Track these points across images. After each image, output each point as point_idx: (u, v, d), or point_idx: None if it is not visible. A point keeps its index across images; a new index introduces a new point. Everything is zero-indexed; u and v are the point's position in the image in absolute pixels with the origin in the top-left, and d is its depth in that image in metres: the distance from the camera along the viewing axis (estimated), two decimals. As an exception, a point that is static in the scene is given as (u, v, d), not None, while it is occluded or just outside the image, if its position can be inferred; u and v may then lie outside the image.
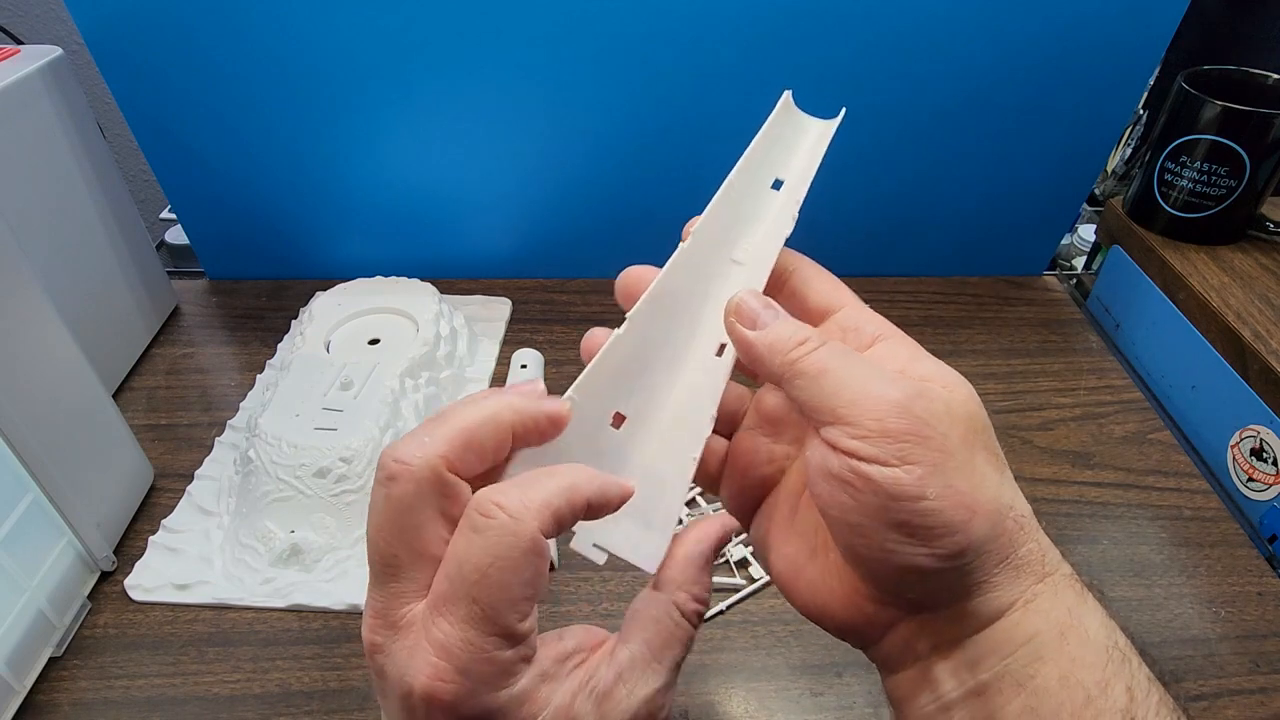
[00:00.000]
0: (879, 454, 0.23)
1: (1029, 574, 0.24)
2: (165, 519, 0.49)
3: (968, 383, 0.26)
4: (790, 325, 0.27)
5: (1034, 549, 0.25)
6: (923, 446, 0.23)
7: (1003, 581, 0.24)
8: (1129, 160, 0.76)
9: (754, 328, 0.27)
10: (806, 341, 0.26)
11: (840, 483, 0.24)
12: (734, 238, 0.30)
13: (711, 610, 0.45)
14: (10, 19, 1.02)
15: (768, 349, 0.26)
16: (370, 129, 0.62)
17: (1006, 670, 0.24)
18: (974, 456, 0.24)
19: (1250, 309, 0.58)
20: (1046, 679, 0.23)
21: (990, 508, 0.24)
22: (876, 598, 0.26)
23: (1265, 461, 0.53)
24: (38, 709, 0.41)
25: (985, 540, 0.24)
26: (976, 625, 0.25)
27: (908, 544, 0.23)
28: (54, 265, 0.53)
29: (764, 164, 0.30)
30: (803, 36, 0.57)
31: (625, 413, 0.28)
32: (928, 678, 0.26)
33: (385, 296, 0.60)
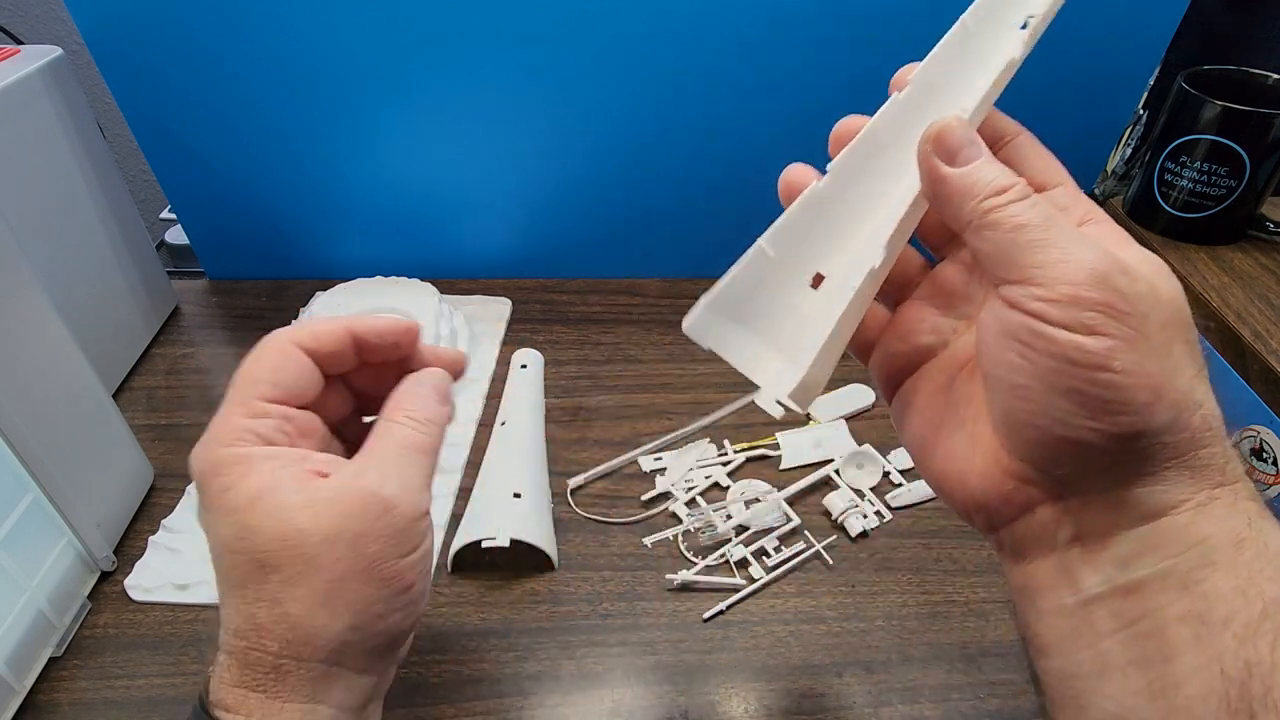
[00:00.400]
0: (1067, 319, 0.22)
1: (1207, 478, 0.23)
2: (165, 519, 0.49)
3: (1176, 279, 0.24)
4: (994, 168, 0.24)
5: (1217, 454, 0.23)
6: (1118, 320, 0.22)
7: (1175, 478, 0.23)
8: (1129, 160, 0.76)
9: (953, 163, 0.25)
10: (1009, 189, 0.24)
11: (1017, 342, 0.23)
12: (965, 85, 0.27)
13: (711, 610, 0.45)
14: (10, 19, 1.02)
15: (963, 189, 0.24)
16: (370, 129, 0.62)
17: (1171, 570, 0.22)
18: (1172, 345, 0.22)
19: (1250, 309, 0.58)
20: (1218, 585, 0.22)
21: (1178, 396, 0.22)
22: (1021, 474, 0.24)
23: (1265, 461, 0.53)
24: (38, 709, 0.41)
25: (1165, 428, 0.22)
26: (1134, 519, 0.23)
27: (1078, 415, 0.22)
28: (54, 265, 0.53)
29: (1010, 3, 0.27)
30: (802, 38, 0.57)
31: (825, 273, 0.27)
32: (1066, 569, 0.24)
33: (385, 296, 0.60)
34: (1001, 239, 0.23)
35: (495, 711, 0.41)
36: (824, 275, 0.27)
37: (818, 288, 0.27)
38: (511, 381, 0.58)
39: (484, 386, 0.60)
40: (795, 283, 0.27)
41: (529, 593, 0.46)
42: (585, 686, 0.42)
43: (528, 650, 0.43)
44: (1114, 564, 0.23)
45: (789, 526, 0.49)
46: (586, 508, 0.51)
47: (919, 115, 0.26)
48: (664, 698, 0.41)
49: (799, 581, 0.47)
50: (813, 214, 0.26)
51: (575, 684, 0.42)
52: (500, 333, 0.65)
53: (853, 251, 0.27)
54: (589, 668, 0.43)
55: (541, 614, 0.45)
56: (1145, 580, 0.23)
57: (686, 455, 0.54)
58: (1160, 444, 0.22)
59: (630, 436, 0.56)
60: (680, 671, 0.43)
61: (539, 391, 0.57)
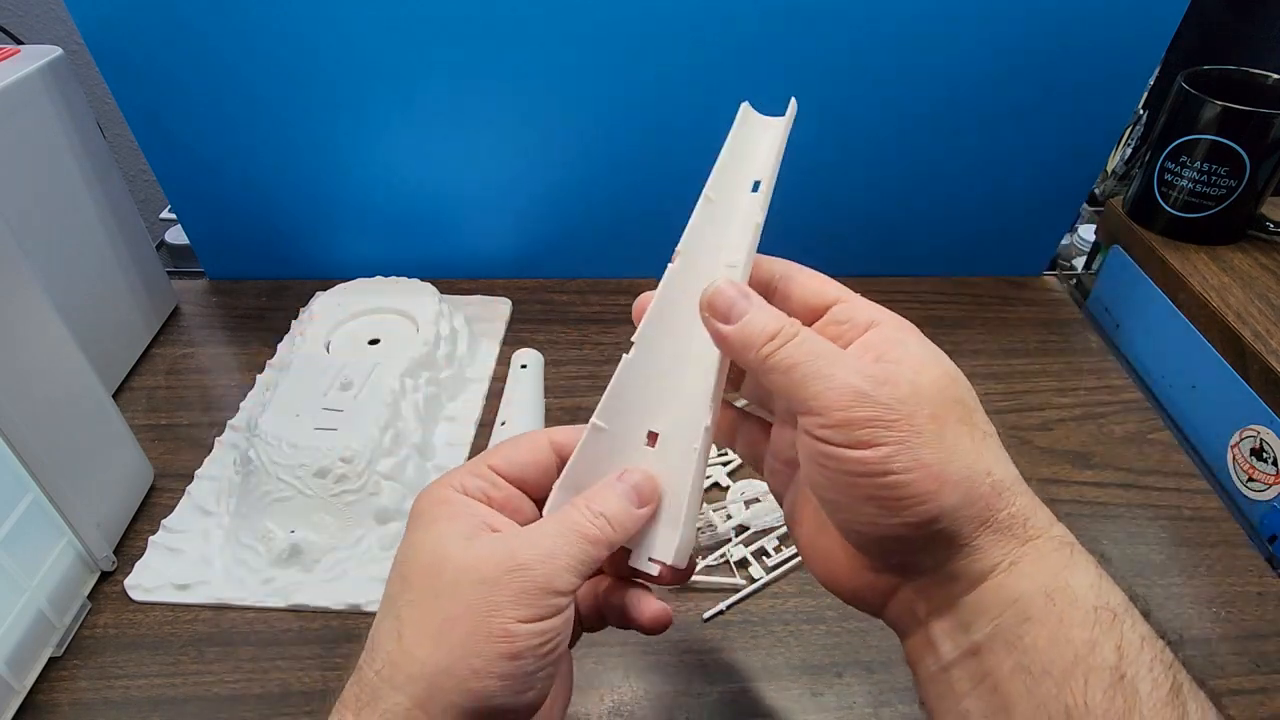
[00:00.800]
0: (846, 439, 0.25)
1: (1012, 537, 0.26)
2: (165, 519, 0.49)
3: (945, 361, 0.28)
4: (763, 317, 0.28)
5: (1016, 512, 0.26)
6: (888, 429, 0.25)
7: (986, 545, 0.26)
8: (1129, 160, 0.76)
9: (728, 320, 0.28)
10: (777, 335, 0.27)
11: (818, 465, 0.26)
12: (716, 244, 0.31)
13: (711, 610, 0.45)
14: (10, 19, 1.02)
15: (742, 342, 0.28)
16: (370, 129, 0.62)
17: (997, 631, 0.25)
18: (944, 430, 0.26)
19: (1250, 309, 0.58)
20: (1036, 638, 0.24)
21: (960, 476, 0.25)
22: (873, 566, 0.28)
23: (1265, 461, 0.53)
24: (38, 709, 0.41)
25: (958, 506, 0.25)
26: (965, 587, 0.26)
27: (881, 515, 0.26)
28: (54, 265, 0.53)
29: (739, 171, 0.32)
30: (802, 36, 0.57)
31: (658, 430, 0.30)
32: (929, 640, 0.27)
33: (385, 296, 0.60)
34: (781, 380, 0.27)
35: (495, 711, 0.41)
36: (657, 433, 0.30)
37: (654, 446, 0.30)
38: (511, 381, 0.58)
39: (484, 386, 0.60)
40: (633, 446, 0.30)
41: (529, 593, 0.46)
42: (585, 686, 0.42)
43: (528, 650, 0.43)
44: (960, 631, 0.26)
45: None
46: (586, 508, 0.51)
47: (694, 278, 0.30)
48: (664, 698, 0.41)
49: (799, 581, 0.47)
50: (632, 382, 0.30)
51: (575, 684, 0.42)
52: (500, 333, 0.65)
53: (678, 408, 0.30)
54: (589, 668, 0.43)
55: (541, 614, 0.45)
56: (981, 643, 0.25)
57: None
58: (961, 518, 0.25)
59: (630, 436, 0.56)
60: (680, 671, 0.43)
61: (539, 391, 0.57)
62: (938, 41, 0.58)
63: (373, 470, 0.47)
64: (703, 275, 0.30)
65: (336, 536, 0.47)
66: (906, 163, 0.65)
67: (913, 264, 0.72)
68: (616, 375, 0.30)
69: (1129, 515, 0.52)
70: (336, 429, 0.48)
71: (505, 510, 0.30)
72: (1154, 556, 0.49)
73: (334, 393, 0.51)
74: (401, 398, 0.52)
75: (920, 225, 0.70)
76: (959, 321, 0.68)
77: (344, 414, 0.49)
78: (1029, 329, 0.68)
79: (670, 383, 0.30)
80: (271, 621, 0.45)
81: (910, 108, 0.62)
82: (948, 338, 0.66)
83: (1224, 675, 0.43)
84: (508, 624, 0.26)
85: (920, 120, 0.63)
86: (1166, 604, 0.47)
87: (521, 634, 0.26)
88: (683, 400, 0.30)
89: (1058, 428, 0.58)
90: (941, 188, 0.67)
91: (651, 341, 0.30)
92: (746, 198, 0.32)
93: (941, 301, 0.70)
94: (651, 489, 0.30)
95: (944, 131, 0.63)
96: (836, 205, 0.68)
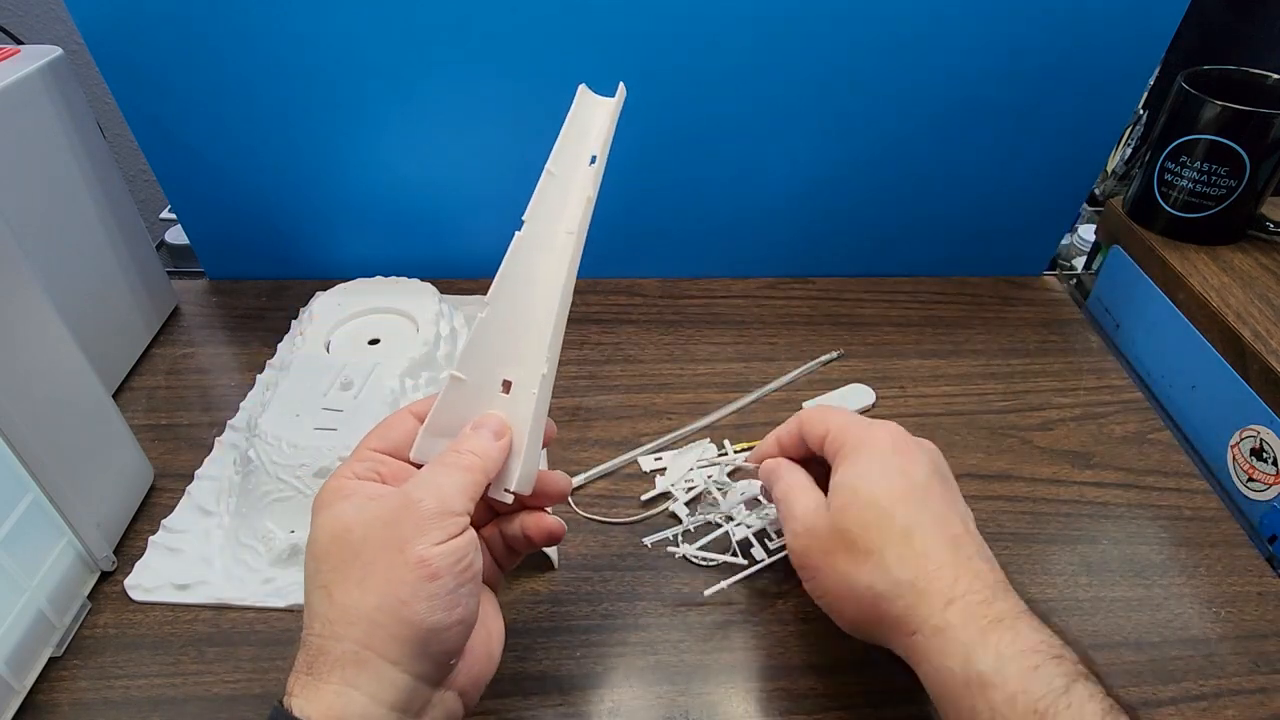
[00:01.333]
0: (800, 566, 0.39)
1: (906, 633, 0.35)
2: (165, 519, 0.49)
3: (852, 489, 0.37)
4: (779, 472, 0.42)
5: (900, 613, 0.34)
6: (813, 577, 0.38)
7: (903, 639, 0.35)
8: (1129, 160, 0.76)
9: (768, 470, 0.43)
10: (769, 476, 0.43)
11: None
12: (559, 212, 0.36)
13: (712, 589, 0.45)
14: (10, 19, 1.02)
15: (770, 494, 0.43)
16: (370, 129, 0.62)
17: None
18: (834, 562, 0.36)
19: (1250, 309, 0.58)
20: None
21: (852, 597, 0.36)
22: None
23: (1265, 461, 0.53)
24: (38, 709, 0.41)
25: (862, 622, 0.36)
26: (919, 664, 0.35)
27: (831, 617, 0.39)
28: (54, 265, 0.53)
29: (577, 145, 0.37)
30: (803, 37, 0.57)
31: (512, 379, 0.35)
32: None
33: (385, 296, 0.60)
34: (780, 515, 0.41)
35: (495, 711, 0.41)
36: (510, 380, 0.35)
37: (508, 393, 0.35)
38: (511, 381, 0.58)
39: (484, 386, 0.60)
40: (489, 393, 0.35)
41: (529, 593, 0.46)
42: (585, 686, 0.42)
43: (527, 650, 0.43)
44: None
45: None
46: (586, 508, 0.51)
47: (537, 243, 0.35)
48: (664, 698, 0.41)
49: (799, 581, 0.47)
50: (485, 337, 0.34)
51: (575, 684, 0.42)
52: (500, 333, 0.65)
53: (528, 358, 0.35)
54: (589, 668, 0.43)
55: (541, 614, 0.45)
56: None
57: (686, 455, 0.54)
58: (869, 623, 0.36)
59: (630, 436, 0.56)
60: (680, 671, 0.43)
61: (539, 391, 0.57)
62: (938, 42, 0.58)
63: (373, 470, 0.47)
64: (544, 241, 0.35)
65: (336, 536, 0.47)
66: (906, 163, 0.65)
67: (913, 264, 0.72)
68: (472, 331, 0.34)
69: (1129, 515, 0.52)
70: (336, 429, 0.48)
71: (396, 482, 0.33)
72: (1154, 556, 0.49)
73: (334, 393, 0.51)
74: (401, 398, 0.52)
75: (920, 225, 0.70)
76: (959, 321, 0.68)
77: (344, 414, 0.49)
78: (1029, 329, 0.68)
79: (518, 336, 0.35)
80: (271, 621, 0.45)
81: (910, 108, 0.62)
82: (948, 338, 0.66)
83: (1224, 675, 0.43)
84: (419, 550, 0.29)
85: (920, 120, 0.63)
86: (1166, 604, 0.47)
87: (434, 555, 0.29)
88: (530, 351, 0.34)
89: (1058, 428, 0.58)
90: (941, 188, 0.67)
91: (501, 301, 0.34)
92: (583, 171, 0.36)
93: (941, 301, 0.70)
94: (502, 427, 0.35)
95: (944, 132, 0.63)
96: (837, 206, 0.68)
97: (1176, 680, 0.43)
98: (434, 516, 0.30)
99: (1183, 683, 0.43)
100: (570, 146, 0.37)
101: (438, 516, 0.30)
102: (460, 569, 0.30)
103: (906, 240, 0.71)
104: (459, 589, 0.30)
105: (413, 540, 0.29)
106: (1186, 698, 0.42)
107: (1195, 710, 0.41)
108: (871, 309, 0.69)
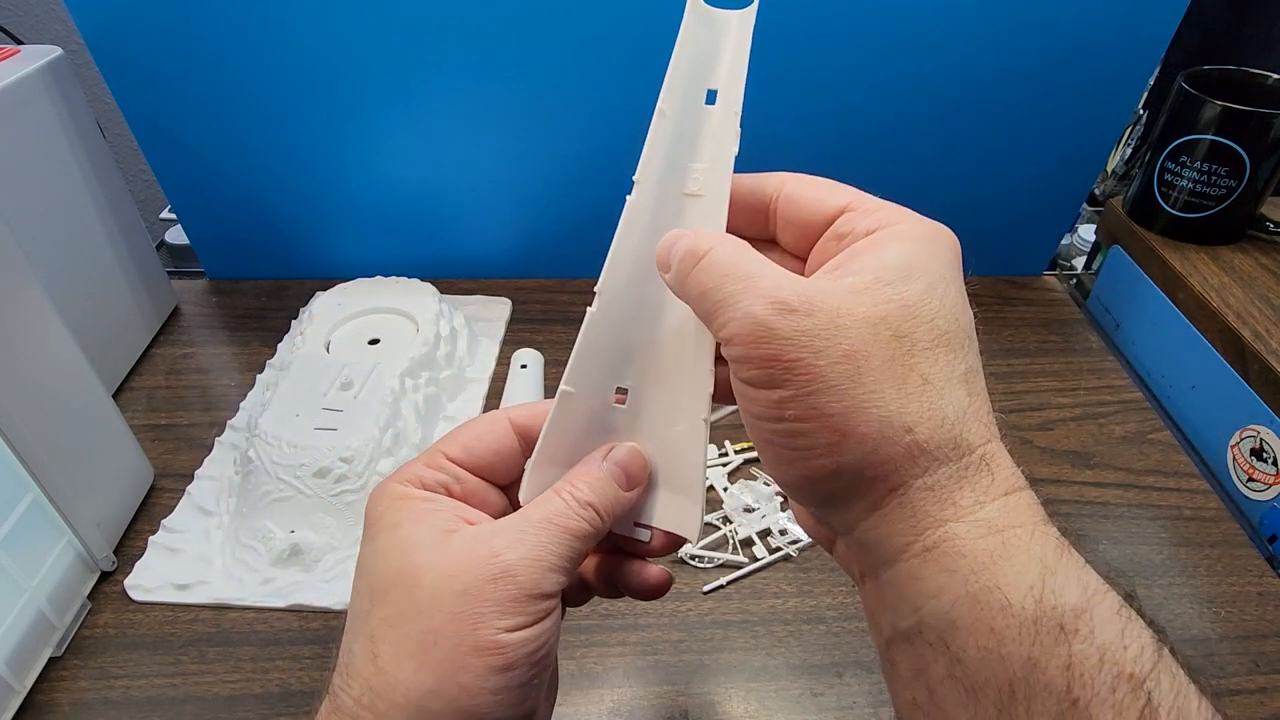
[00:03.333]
0: (747, 375, 0.22)
1: (926, 516, 0.21)
2: (165, 519, 0.49)
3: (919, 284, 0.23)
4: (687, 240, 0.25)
5: (938, 483, 0.22)
6: (787, 370, 0.21)
7: (894, 515, 0.22)
8: (1129, 160, 0.76)
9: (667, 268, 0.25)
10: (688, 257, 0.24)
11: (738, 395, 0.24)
12: (682, 169, 0.27)
13: (711, 585, 0.45)
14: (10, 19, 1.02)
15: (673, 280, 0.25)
16: (370, 129, 0.62)
17: (923, 624, 0.21)
18: (860, 373, 0.21)
19: (1250, 309, 0.58)
20: (965, 648, 0.21)
21: (869, 430, 0.21)
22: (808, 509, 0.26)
23: (1265, 461, 0.53)
24: (38, 709, 0.41)
25: (860, 465, 0.22)
26: (880, 560, 0.23)
27: (781, 461, 0.23)
28: (54, 265, 0.53)
29: (691, 78, 0.27)
30: (803, 34, 0.57)
31: (625, 385, 0.28)
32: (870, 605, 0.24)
33: (385, 296, 0.60)
34: (699, 305, 0.24)
35: (495, 711, 0.41)
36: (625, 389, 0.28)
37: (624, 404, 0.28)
38: (511, 381, 0.58)
39: (484, 386, 0.60)
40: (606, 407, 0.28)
41: (529, 593, 0.46)
42: (585, 686, 0.42)
43: (528, 650, 0.43)
44: (890, 609, 0.23)
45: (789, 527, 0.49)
46: (586, 508, 0.51)
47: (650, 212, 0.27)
48: (664, 698, 0.41)
49: (799, 581, 0.47)
50: (599, 339, 0.27)
51: (575, 684, 0.42)
52: (500, 333, 0.65)
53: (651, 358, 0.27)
54: (589, 668, 0.43)
55: (541, 614, 0.45)
56: (910, 631, 0.22)
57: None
58: (865, 479, 0.22)
59: (630, 436, 0.56)
60: (680, 671, 0.43)
61: (539, 391, 0.57)
62: (938, 42, 0.58)
63: (373, 470, 0.47)
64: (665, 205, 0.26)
65: (336, 536, 0.47)
66: (906, 163, 0.65)
67: (913, 264, 0.72)
68: (582, 334, 0.27)
69: (1129, 515, 0.52)
70: (336, 429, 0.48)
71: (470, 502, 0.27)
72: (1154, 556, 0.49)
73: (334, 393, 0.51)
74: (401, 398, 0.52)
75: (920, 225, 0.70)
76: (959, 321, 0.68)
77: (344, 414, 0.49)
78: (1029, 329, 0.68)
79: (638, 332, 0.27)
80: (271, 621, 0.45)
81: (910, 108, 0.62)
82: (948, 338, 0.66)
83: (1224, 675, 0.43)
84: (496, 635, 0.23)
85: (920, 120, 0.63)
86: (1166, 604, 0.47)
87: (512, 644, 0.23)
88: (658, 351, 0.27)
89: (1058, 428, 0.58)
90: (941, 188, 0.67)
91: (614, 290, 0.27)
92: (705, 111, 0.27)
93: (941, 301, 0.70)
94: (639, 467, 0.27)
95: (944, 131, 0.63)
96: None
97: (1176, 680, 0.43)
98: (522, 599, 0.24)
99: (1183, 683, 0.43)
100: (681, 79, 0.27)
101: (526, 600, 0.24)
102: (538, 658, 0.24)
103: (906, 240, 0.71)
104: (532, 681, 0.24)
105: (489, 619, 0.23)
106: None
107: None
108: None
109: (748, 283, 0.23)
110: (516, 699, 0.24)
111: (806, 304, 0.22)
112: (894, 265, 0.23)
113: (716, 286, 0.23)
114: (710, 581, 0.47)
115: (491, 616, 0.23)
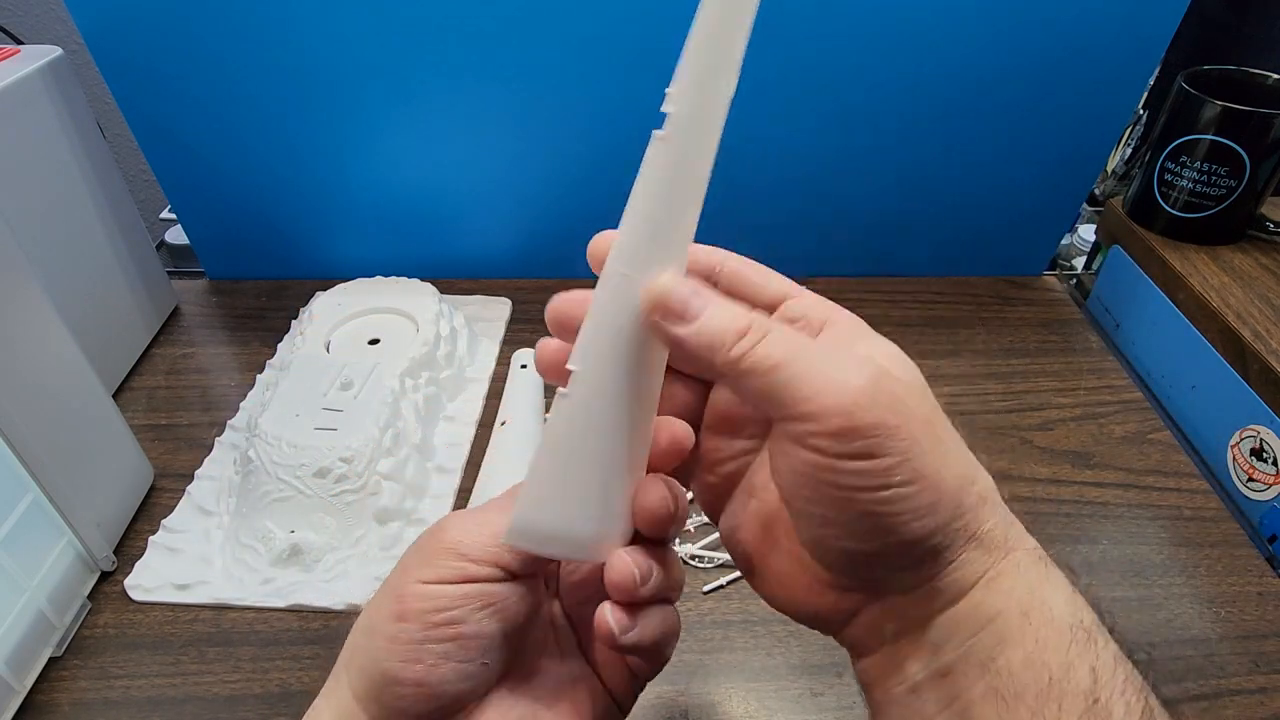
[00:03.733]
0: (845, 450, 0.22)
1: (993, 550, 0.24)
2: (165, 519, 0.49)
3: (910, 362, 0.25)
4: (726, 313, 0.24)
5: (998, 524, 0.24)
6: (891, 438, 0.22)
7: (969, 559, 0.23)
8: (1129, 160, 0.76)
9: (685, 319, 0.24)
10: (749, 331, 0.23)
11: (807, 477, 0.23)
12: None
13: (711, 585, 0.45)
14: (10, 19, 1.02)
15: (706, 345, 0.23)
16: (370, 129, 0.62)
17: (970, 651, 0.23)
18: (934, 431, 0.23)
19: (1250, 309, 0.58)
20: (1010, 661, 0.23)
21: (953, 485, 0.23)
22: (841, 585, 0.25)
23: (1265, 461, 0.53)
24: (38, 709, 0.41)
25: (952, 518, 0.23)
26: (942, 605, 0.24)
27: (878, 531, 0.23)
28: (54, 265, 0.53)
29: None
30: (802, 33, 0.57)
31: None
32: (895, 661, 0.25)
33: (385, 296, 0.60)
34: (759, 383, 0.23)
35: (495, 711, 0.40)
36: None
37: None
38: (511, 381, 0.58)
39: (484, 386, 0.60)
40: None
41: (529, 593, 0.46)
42: (585, 686, 0.42)
43: (528, 650, 0.43)
44: (930, 650, 0.24)
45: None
46: (586, 508, 0.51)
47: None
48: (664, 698, 0.41)
49: (799, 581, 0.47)
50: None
51: (575, 684, 0.42)
52: (500, 333, 0.65)
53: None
54: (589, 668, 0.43)
55: (541, 614, 0.45)
56: (953, 663, 0.23)
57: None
58: (951, 532, 0.23)
59: (630, 436, 0.56)
60: (680, 671, 0.43)
61: (539, 391, 0.57)
62: (938, 41, 0.58)
63: (373, 470, 0.47)
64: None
65: (336, 536, 0.47)
66: (906, 163, 0.65)
67: (913, 264, 0.72)
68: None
69: (1129, 515, 0.52)
70: (336, 429, 0.48)
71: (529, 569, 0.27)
72: (1154, 556, 0.49)
73: (334, 393, 0.51)
74: (401, 398, 0.52)
75: (920, 225, 0.70)
76: (959, 321, 0.68)
77: (344, 414, 0.49)
78: (1029, 329, 0.68)
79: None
80: (271, 621, 0.45)
81: (910, 108, 0.62)
82: (948, 338, 0.66)
83: (1224, 675, 0.43)
84: (409, 584, 0.25)
85: (920, 120, 0.63)
86: (1166, 604, 0.47)
87: (412, 594, 0.24)
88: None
89: (1058, 428, 0.58)
90: (941, 187, 0.67)
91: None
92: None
93: (941, 301, 0.70)
94: None
95: (944, 131, 0.63)
96: (837, 205, 0.68)
97: (1177, 680, 0.43)
98: (440, 551, 0.25)
99: (1183, 683, 0.43)
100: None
101: (443, 553, 0.25)
102: (435, 620, 0.24)
103: (907, 240, 0.71)
104: (426, 644, 0.24)
105: (410, 568, 0.25)
106: (1186, 698, 0.42)
107: (1195, 710, 0.41)
108: (872, 309, 0.69)
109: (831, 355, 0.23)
110: (405, 655, 0.24)
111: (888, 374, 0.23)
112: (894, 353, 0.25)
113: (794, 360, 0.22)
114: (710, 581, 0.47)
115: (414, 567, 0.25)
